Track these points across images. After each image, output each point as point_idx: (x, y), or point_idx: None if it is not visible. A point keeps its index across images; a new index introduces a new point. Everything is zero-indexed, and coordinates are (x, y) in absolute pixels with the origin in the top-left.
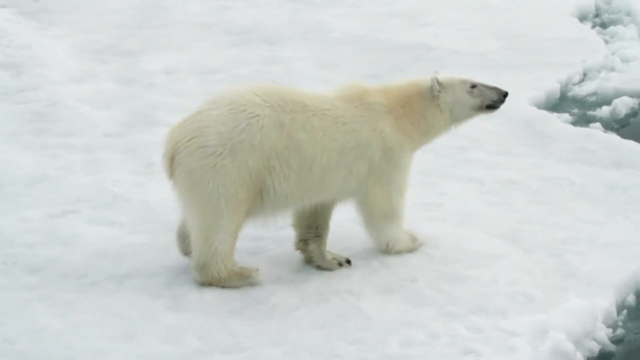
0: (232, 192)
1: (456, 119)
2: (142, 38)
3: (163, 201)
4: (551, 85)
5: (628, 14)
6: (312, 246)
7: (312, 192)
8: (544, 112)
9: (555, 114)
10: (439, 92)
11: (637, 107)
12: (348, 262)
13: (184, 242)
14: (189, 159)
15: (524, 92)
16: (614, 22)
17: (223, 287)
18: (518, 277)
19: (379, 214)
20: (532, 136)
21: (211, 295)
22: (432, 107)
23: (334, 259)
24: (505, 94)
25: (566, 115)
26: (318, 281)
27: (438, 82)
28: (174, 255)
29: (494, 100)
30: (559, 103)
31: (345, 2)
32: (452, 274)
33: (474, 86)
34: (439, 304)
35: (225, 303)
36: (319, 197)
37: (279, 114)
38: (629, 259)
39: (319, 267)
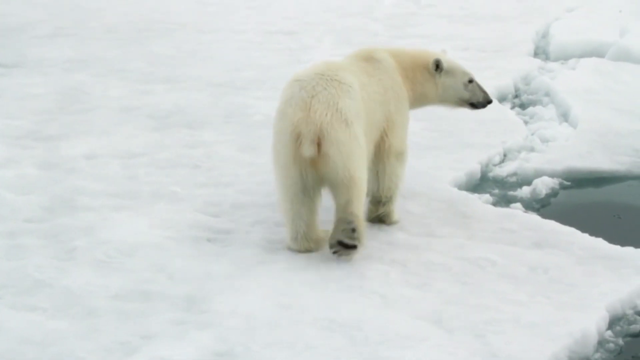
0: (365, 152)
1: (444, 100)
2: (63, 123)
3: (85, 285)
4: (472, 166)
5: (547, 94)
6: None
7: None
8: (465, 193)
9: (476, 195)
10: (440, 73)
11: (557, 187)
12: None
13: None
14: (339, 133)
15: (445, 173)
16: (533, 103)
17: None
18: (441, 359)
19: (394, 154)
20: (453, 217)
21: None
22: (431, 80)
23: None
24: (490, 101)
25: (487, 196)
26: None
27: (441, 65)
28: (99, 339)
29: (479, 101)
30: (480, 184)
31: (265, 85)
32: (375, 355)
33: (471, 81)
34: None
35: None
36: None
37: (355, 78)
38: (551, 339)
39: None
